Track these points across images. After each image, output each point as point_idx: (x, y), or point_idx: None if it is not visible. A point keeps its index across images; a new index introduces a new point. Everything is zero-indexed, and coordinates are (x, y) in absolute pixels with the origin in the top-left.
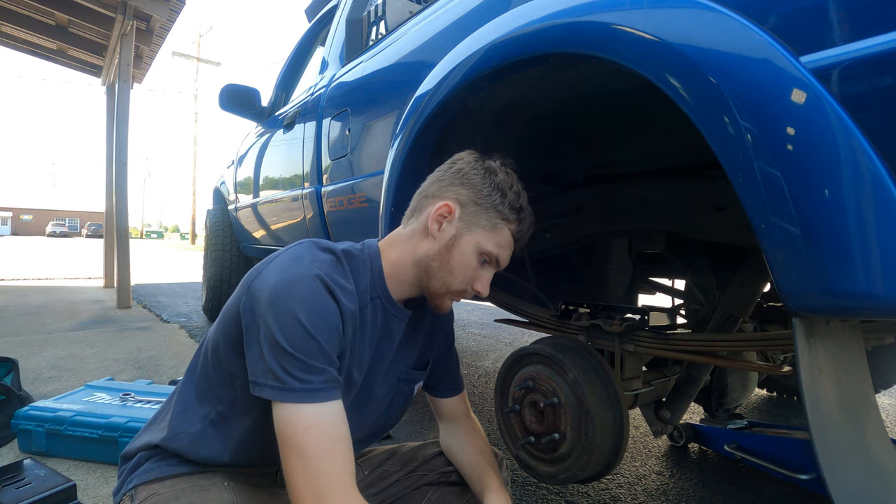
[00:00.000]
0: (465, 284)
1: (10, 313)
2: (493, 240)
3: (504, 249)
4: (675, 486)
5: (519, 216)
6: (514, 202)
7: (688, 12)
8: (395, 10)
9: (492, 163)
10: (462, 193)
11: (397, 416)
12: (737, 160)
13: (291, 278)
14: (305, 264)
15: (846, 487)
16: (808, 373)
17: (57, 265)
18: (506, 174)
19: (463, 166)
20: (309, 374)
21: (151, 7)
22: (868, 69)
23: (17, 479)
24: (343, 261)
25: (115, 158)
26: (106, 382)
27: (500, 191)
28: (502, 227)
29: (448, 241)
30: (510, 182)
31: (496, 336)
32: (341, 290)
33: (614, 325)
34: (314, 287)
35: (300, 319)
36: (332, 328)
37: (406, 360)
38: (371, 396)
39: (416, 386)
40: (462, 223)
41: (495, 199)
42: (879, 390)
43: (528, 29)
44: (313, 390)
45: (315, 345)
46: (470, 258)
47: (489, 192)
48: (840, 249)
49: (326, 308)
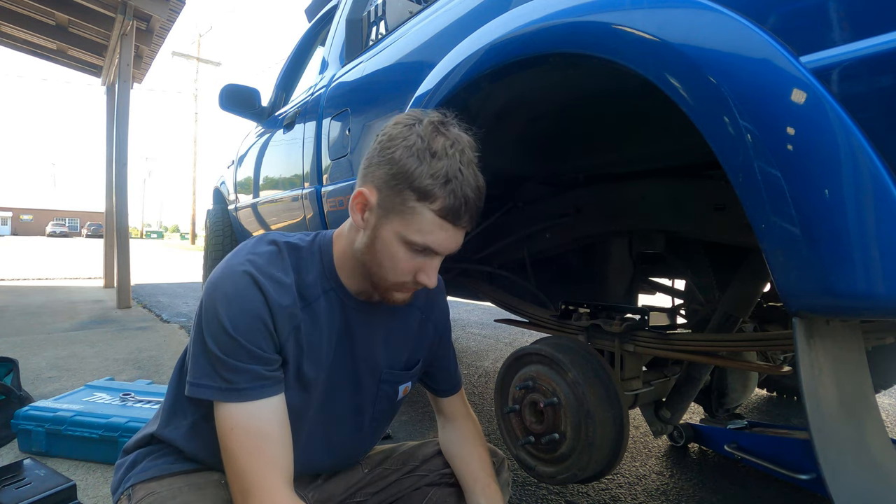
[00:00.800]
0: (404, 277)
1: (10, 313)
2: (413, 226)
3: (433, 234)
4: (675, 486)
5: (445, 189)
6: (435, 171)
7: (688, 12)
8: (395, 10)
9: (417, 124)
10: (378, 175)
11: (383, 420)
12: (737, 160)
13: (220, 275)
14: (238, 259)
15: (846, 487)
16: (808, 373)
17: (57, 265)
18: (434, 133)
19: (382, 135)
20: (232, 373)
21: (151, 7)
22: (868, 69)
23: (17, 479)
24: (284, 253)
25: (115, 158)
26: (106, 382)
27: (418, 158)
28: (421, 208)
29: (371, 232)
30: (438, 146)
31: (496, 336)
32: (273, 283)
33: (614, 325)
34: (240, 282)
35: (220, 317)
36: (255, 325)
37: (388, 359)
38: (338, 397)
39: (401, 388)
40: (381, 210)
41: (409, 171)
42: (879, 390)
43: (527, 29)
44: (237, 390)
45: (235, 343)
46: (396, 250)
47: (402, 163)
48: (840, 249)
49: (250, 304)
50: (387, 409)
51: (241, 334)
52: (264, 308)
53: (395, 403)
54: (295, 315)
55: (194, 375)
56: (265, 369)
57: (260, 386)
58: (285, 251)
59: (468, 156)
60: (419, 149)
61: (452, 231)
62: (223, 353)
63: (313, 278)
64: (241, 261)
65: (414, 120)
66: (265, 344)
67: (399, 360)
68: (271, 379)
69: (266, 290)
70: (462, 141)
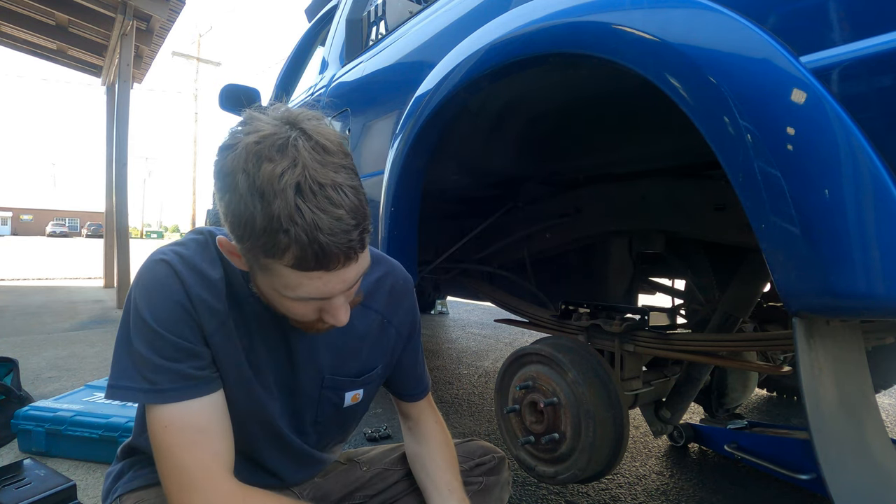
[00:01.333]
0: (307, 319)
1: (10, 313)
2: (280, 283)
3: (305, 287)
4: (675, 486)
5: (285, 237)
6: (267, 220)
7: (688, 12)
8: (395, 10)
9: (241, 145)
10: (223, 220)
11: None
12: (737, 160)
13: (141, 267)
14: (161, 249)
15: (846, 487)
16: (808, 373)
17: (57, 265)
18: (258, 162)
19: (216, 163)
20: (156, 373)
21: (151, 7)
22: (868, 69)
23: (17, 479)
24: (211, 245)
25: (115, 158)
26: (106, 382)
27: (245, 205)
28: (275, 265)
29: (254, 281)
30: (263, 180)
31: (496, 336)
32: (195, 273)
33: (614, 325)
34: (158, 271)
35: (140, 310)
36: (176, 313)
37: (333, 365)
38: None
39: (348, 395)
40: (246, 261)
41: (243, 226)
42: (879, 390)
43: (528, 29)
44: (160, 391)
45: (157, 336)
46: (281, 301)
47: (235, 217)
48: (840, 249)
49: (169, 292)
50: (332, 414)
51: (163, 325)
52: (184, 297)
53: (342, 410)
54: (218, 311)
55: (114, 377)
56: (192, 367)
57: (186, 387)
58: (213, 244)
59: (311, 179)
60: (243, 192)
61: (328, 276)
62: (147, 348)
63: (241, 276)
64: (164, 250)
65: (238, 139)
66: (189, 334)
67: (348, 368)
68: (200, 379)
69: (186, 281)
70: (301, 158)
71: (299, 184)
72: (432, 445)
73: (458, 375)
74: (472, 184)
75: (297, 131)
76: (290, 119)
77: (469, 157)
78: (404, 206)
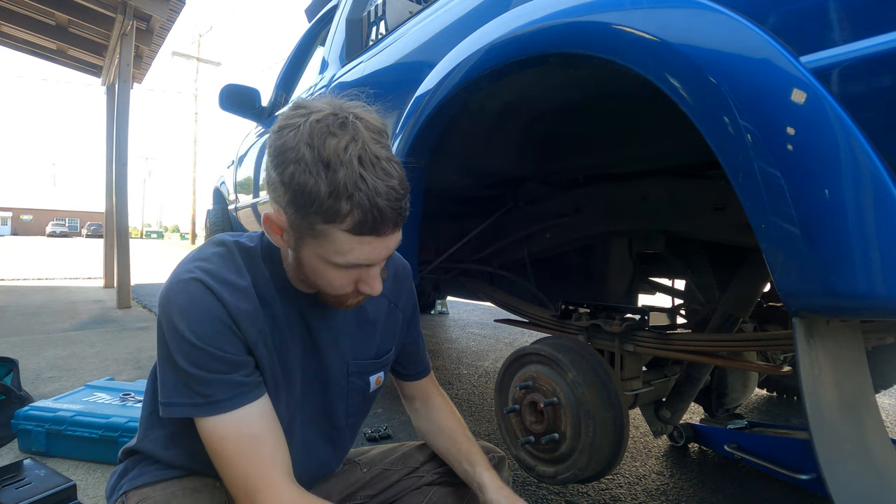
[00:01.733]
0: (343, 290)
1: (10, 313)
2: (331, 249)
3: (354, 253)
4: (675, 486)
5: (348, 202)
6: (333, 187)
7: (688, 12)
8: (395, 10)
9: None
10: (279, 198)
11: (359, 415)
12: (737, 160)
13: (171, 287)
14: (187, 266)
15: (846, 487)
16: (808, 373)
17: (57, 265)
18: (324, 135)
19: (272, 148)
20: (206, 386)
21: (151, 7)
22: (868, 69)
23: (17, 479)
24: (235, 254)
25: (115, 158)
26: (106, 382)
27: (310, 174)
28: (331, 230)
29: (295, 253)
30: (329, 152)
31: (496, 336)
32: (228, 287)
33: (614, 325)
34: (194, 291)
35: (181, 330)
36: (218, 329)
37: (355, 351)
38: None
39: (372, 378)
40: (294, 233)
41: (306, 193)
42: (879, 390)
43: (527, 29)
44: (214, 402)
45: (203, 353)
46: (322, 269)
47: (298, 185)
48: (840, 249)
49: (208, 310)
50: (361, 403)
51: (207, 342)
52: (223, 312)
53: (367, 396)
54: (257, 318)
55: (166, 395)
56: (240, 375)
57: (239, 394)
58: (236, 252)
59: (372, 152)
60: (309, 162)
61: (378, 241)
62: (193, 366)
63: (266, 279)
64: (190, 268)
65: (300, 119)
66: (233, 347)
67: (368, 351)
68: (249, 384)
69: (222, 297)
70: (360, 135)
71: (361, 156)
72: (444, 416)
73: (458, 375)
74: (472, 184)
75: (352, 113)
76: (341, 105)
77: (469, 157)
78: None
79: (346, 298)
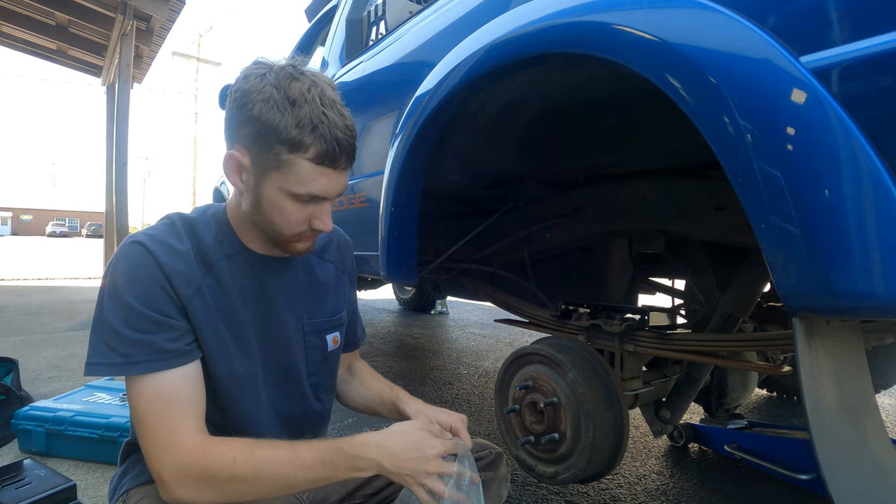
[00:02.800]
0: (298, 228)
1: (10, 313)
2: (293, 178)
3: (315, 182)
4: (675, 486)
5: (314, 135)
6: (299, 119)
7: (688, 12)
8: (395, 11)
9: (269, 74)
10: (243, 135)
11: (321, 375)
12: (737, 160)
13: (115, 254)
14: (131, 236)
15: (846, 487)
16: (808, 373)
17: (57, 265)
18: (289, 80)
19: (236, 92)
20: (130, 346)
21: (151, 7)
22: (868, 69)
23: (17, 479)
24: (178, 224)
25: (115, 158)
26: (106, 382)
27: (278, 109)
28: (295, 159)
29: (253, 192)
30: (295, 92)
31: (496, 336)
32: (165, 248)
33: (614, 325)
34: (132, 253)
35: (118, 288)
36: (153, 289)
37: (310, 310)
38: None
39: (328, 337)
40: (256, 169)
41: (273, 125)
42: (879, 390)
43: (527, 29)
44: (135, 362)
45: (134, 311)
46: (283, 204)
47: (264, 118)
48: (840, 249)
49: (144, 269)
50: (320, 362)
51: (140, 300)
52: (159, 272)
53: (326, 355)
54: (193, 278)
55: (89, 356)
56: (166, 339)
57: (158, 359)
58: (178, 223)
59: (329, 96)
60: (277, 100)
61: (334, 175)
62: (123, 324)
63: (210, 244)
64: (135, 235)
65: (264, 69)
66: (166, 307)
67: (322, 310)
68: (173, 352)
69: (157, 256)
70: (320, 81)
71: (321, 98)
72: (366, 376)
73: (458, 375)
74: (472, 184)
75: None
76: (298, 60)
77: (469, 157)
78: (404, 206)
79: (300, 238)
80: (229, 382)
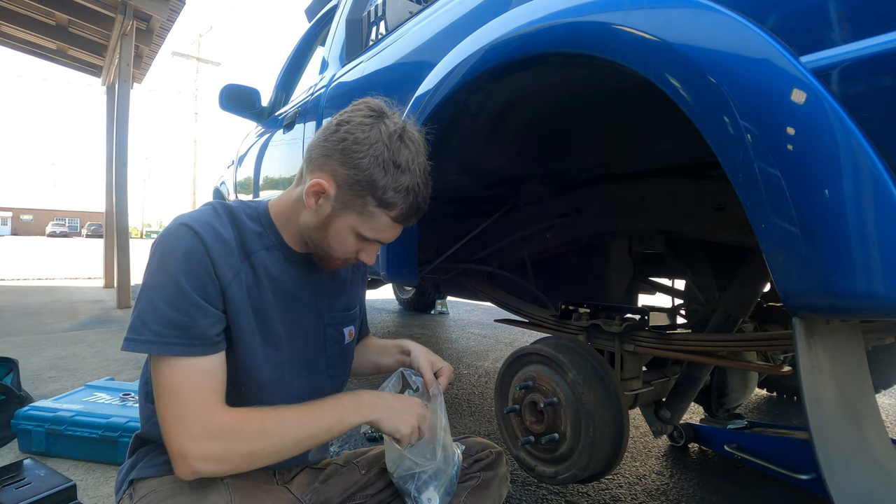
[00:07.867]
0: (347, 255)
1: (10, 313)
2: (368, 225)
3: (384, 233)
4: (675, 486)
5: (404, 199)
6: (398, 185)
7: (688, 12)
8: (395, 10)
9: (383, 129)
10: (339, 172)
11: (338, 365)
12: (737, 160)
13: (161, 234)
14: (178, 216)
15: (846, 487)
16: (808, 373)
17: (57, 265)
18: (399, 143)
19: (346, 135)
20: (166, 326)
21: (151, 7)
22: (868, 69)
23: (17, 479)
24: (221, 212)
25: (115, 158)
26: (106, 382)
27: (384, 170)
28: (379, 213)
29: (324, 218)
30: (402, 159)
31: (496, 336)
32: (211, 231)
33: (614, 325)
34: (179, 233)
35: (165, 264)
36: (196, 269)
37: (329, 304)
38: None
39: (345, 330)
40: (337, 203)
41: (375, 182)
42: (879, 390)
43: (527, 29)
44: (165, 343)
45: (177, 287)
46: (346, 237)
47: (369, 172)
48: (840, 249)
49: (191, 249)
50: (338, 355)
51: (189, 282)
52: (206, 256)
53: (343, 348)
54: (233, 264)
55: (127, 332)
56: (200, 325)
57: (189, 345)
58: (221, 210)
59: (425, 166)
60: (385, 160)
61: (399, 229)
62: (162, 300)
63: (250, 235)
64: (181, 217)
65: (376, 119)
66: (210, 292)
67: (340, 305)
68: (206, 340)
69: (205, 240)
70: (421, 151)
71: (421, 168)
72: (371, 340)
73: (458, 375)
74: (472, 184)
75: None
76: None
77: (469, 156)
78: None
79: (343, 262)
80: (254, 368)
